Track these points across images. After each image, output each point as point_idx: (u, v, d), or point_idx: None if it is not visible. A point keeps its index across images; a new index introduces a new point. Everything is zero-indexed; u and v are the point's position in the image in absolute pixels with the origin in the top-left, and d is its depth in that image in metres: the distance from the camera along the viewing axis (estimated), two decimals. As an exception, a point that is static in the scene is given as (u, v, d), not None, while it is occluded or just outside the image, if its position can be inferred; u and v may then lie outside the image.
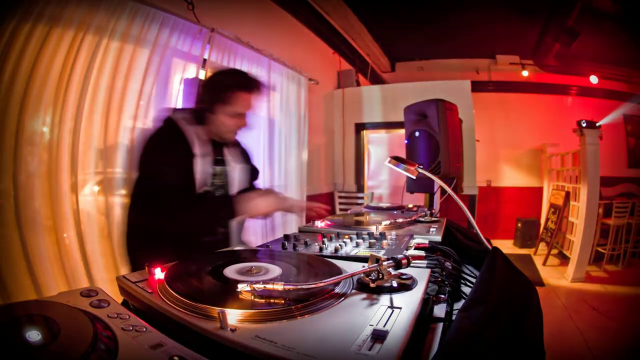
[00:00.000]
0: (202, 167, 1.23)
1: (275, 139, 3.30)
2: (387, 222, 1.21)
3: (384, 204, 1.90)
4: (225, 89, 1.23)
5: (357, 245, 0.93)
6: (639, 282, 3.95)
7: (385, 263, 0.60)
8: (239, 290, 0.54)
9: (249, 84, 1.26)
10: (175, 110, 1.40)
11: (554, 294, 3.65)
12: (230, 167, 1.37)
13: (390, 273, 0.61)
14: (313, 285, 0.55)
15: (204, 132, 1.27)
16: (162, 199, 1.15)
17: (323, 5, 4.02)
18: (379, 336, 0.44)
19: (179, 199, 1.17)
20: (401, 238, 1.00)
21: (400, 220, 1.27)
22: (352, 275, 0.60)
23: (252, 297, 0.54)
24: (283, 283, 0.54)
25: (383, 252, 0.86)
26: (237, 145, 1.44)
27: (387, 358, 0.40)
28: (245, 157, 1.48)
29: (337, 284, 0.59)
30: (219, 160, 1.34)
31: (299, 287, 0.54)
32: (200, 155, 1.23)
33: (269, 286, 0.53)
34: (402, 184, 1.87)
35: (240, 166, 1.41)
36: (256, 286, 0.53)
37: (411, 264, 0.64)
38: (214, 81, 1.30)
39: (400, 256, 0.63)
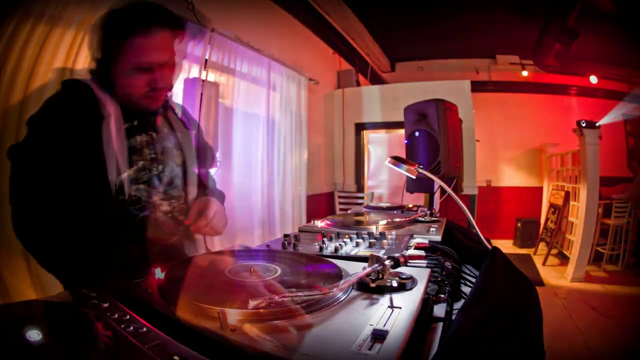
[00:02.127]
0: (119, 153, 0.88)
1: (275, 139, 3.30)
2: (387, 221, 1.21)
3: (384, 204, 1.90)
4: (115, 36, 0.86)
5: (357, 245, 0.93)
6: (638, 282, 3.95)
7: (387, 262, 0.60)
8: (251, 307, 0.48)
9: (145, 22, 0.86)
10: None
11: (553, 293, 3.65)
12: (163, 150, 1.00)
13: (390, 272, 0.61)
14: (330, 293, 0.54)
15: (113, 102, 0.90)
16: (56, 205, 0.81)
17: (323, 6, 4.02)
18: (378, 336, 0.44)
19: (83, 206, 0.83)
20: (401, 238, 1.00)
21: (400, 219, 1.27)
22: (360, 278, 0.59)
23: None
24: (301, 294, 0.50)
25: (383, 251, 0.86)
26: (168, 113, 1.06)
27: (387, 358, 0.40)
28: (183, 128, 1.09)
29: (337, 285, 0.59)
30: (144, 143, 0.96)
31: (315, 296, 0.52)
32: (116, 136, 0.88)
33: (287, 298, 0.49)
34: (402, 184, 1.87)
35: (178, 145, 1.04)
36: (275, 298, 0.49)
37: (412, 264, 0.64)
38: (103, 26, 0.87)
39: (397, 255, 0.63)
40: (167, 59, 0.90)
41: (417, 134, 1.77)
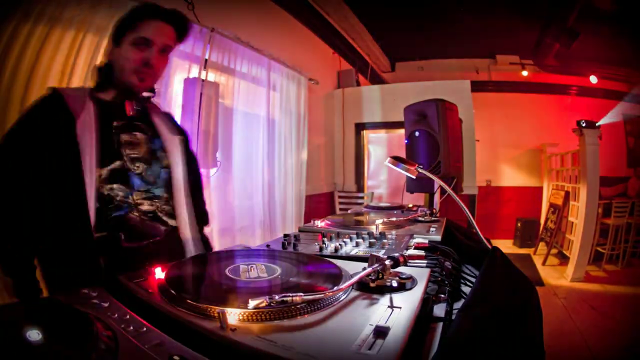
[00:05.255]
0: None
1: (275, 139, 3.30)
2: (387, 221, 1.21)
3: (384, 204, 1.90)
4: (134, 17, 1.03)
5: (357, 244, 0.93)
6: (638, 282, 3.95)
7: (387, 262, 0.60)
8: (251, 307, 0.48)
9: (161, 12, 1.04)
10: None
11: (553, 293, 3.65)
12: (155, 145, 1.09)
13: (390, 272, 0.61)
14: (330, 293, 0.54)
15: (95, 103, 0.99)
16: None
17: (323, 6, 4.02)
18: (381, 332, 0.44)
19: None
20: (401, 238, 0.99)
21: (400, 219, 1.27)
22: (360, 278, 0.59)
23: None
24: (302, 295, 0.50)
25: (383, 251, 0.86)
26: (153, 116, 1.13)
27: (387, 358, 0.40)
28: (176, 128, 1.19)
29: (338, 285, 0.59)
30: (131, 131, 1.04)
31: (316, 296, 0.52)
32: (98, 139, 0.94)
33: (288, 299, 0.49)
34: (402, 184, 1.87)
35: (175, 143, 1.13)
36: (276, 298, 0.49)
37: (412, 264, 0.64)
38: (127, 13, 1.06)
39: (397, 255, 0.63)
40: (164, 45, 1.04)
41: (417, 134, 1.77)
